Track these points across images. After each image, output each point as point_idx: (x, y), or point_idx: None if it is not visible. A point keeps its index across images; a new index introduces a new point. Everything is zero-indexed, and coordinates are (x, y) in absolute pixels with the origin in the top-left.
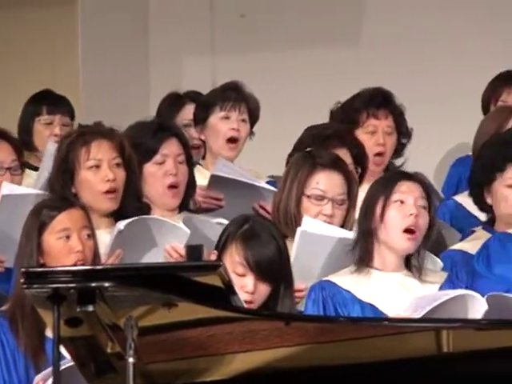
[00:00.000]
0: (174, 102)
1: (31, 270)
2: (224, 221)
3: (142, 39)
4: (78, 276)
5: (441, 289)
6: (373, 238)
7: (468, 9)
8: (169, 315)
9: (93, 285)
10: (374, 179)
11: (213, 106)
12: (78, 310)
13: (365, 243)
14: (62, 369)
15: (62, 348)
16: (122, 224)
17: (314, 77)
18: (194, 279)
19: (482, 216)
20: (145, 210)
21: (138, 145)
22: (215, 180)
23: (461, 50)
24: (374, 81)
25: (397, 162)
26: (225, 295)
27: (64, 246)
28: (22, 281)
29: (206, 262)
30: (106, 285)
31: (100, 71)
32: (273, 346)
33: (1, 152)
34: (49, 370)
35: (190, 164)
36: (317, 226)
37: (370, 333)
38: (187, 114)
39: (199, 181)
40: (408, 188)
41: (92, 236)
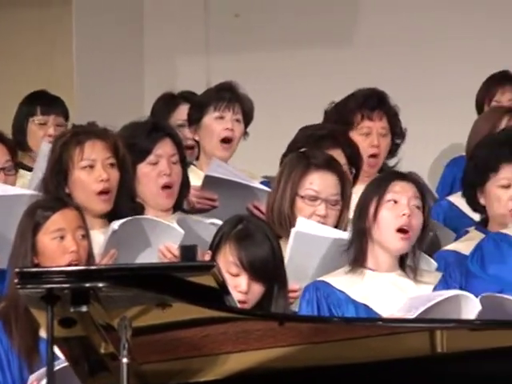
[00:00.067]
0: (168, 102)
1: (25, 270)
2: (218, 221)
3: (137, 39)
4: (72, 276)
5: (435, 289)
6: (367, 237)
7: (463, 9)
8: (163, 315)
9: (87, 285)
10: (368, 180)
11: (207, 106)
12: (72, 310)
13: (359, 243)
14: (56, 369)
15: (55, 348)
16: (116, 224)
17: (309, 77)
18: (187, 279)
19: (475, 216)
20: (138, 210)
21: (132, 145)
22: (209, 180)
23: (455, 51)
24: (368, 81)
25: (390, 162)
26: (219, 295)
27: (58, 247)
28: (15, 281)
29: (199, 263)
30: (100, 285)
31: (94, 71)
32: (267, 346)
33: None
34: (43, 370)
35: (184, 164)
36: (311, 227)
37: (363, 333)
38: (181, 114)
39: (193, 181)
40: (401, 188)
41: (86, 236)
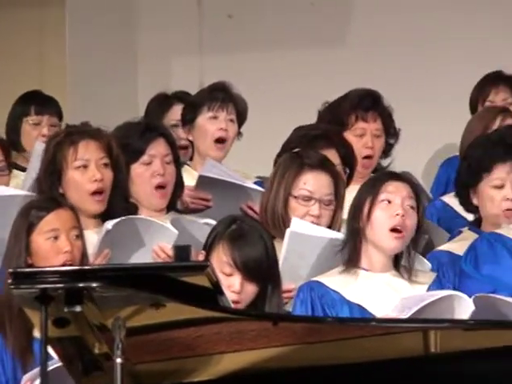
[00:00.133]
0: (162, 102)
1: (19, 270)
2: (212, 221)
3: (130, 39)
4: (66, 276)
5: (429, 289)
6: (361, 237)
7: (456, 8)
8: (157, 315)
9: (81, 285)
10: (362, 181)
11: (200, 107)
12: (66, 310)
13: (353, 243)
14: (50, 369)
15: (49, 348)
16: (109, 224)
17: (302, 77)
18: (181, 279)
19: (469, 216)
20: (132, 210)
21: (126, 145)
22: (203, 180)
23: (449, 51)
24: (361, 81)
25: (384, 162)
26: (212, 295)
27: (52, 247)
28: (9, 281)
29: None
30: (94, 285)
31: (88, 71)
32: (260, 347)
33: None
34: (36, 369)
35: (178, 164)
36: (306, 227)
37: (357, 333)
38: (175, 114)
39: (187, 181)
40: (395, 188)
41: (80, 236)
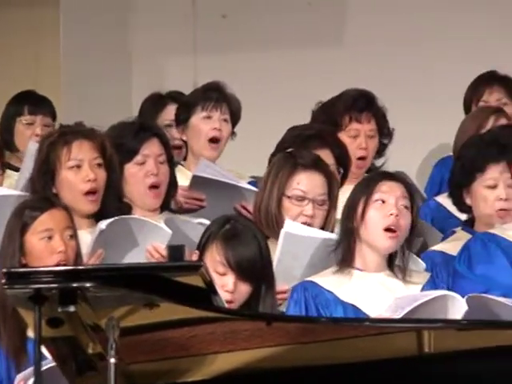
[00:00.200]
0: (156, 102)
1: (13, 270)
2: (206, 221)
3: (124, 39)
4: (60, 276)
5: (423, 289)
6: (355, 237)
7: (452, 8)
8: (150, 315)
9: (74, 285)
10: (356, 181)
11: (194, 106)
12: (60, 310)
13: (347, 243)
14: (44, 369)
15: (43, 348)
16: (103, 224)
17: (297, 77)
18: (175, 279)
19: (463, 217)
20: (125, 210)
21: (119, 145)
22: (197, 180)
23: (444, 51)
24: (357, 81)
25: (377, 162)
26: (206, 295)
27: (46, 247)
28: (3, 281)
29: (187, 263)
30: (88, 285)
31: (82, 71)
32: (254, 347)
33: None
34: (30, 369)
35: (172, 164)
36: (300, 228)
37: (351, 333)
38: (169, 114)
39: (181, 181)
40: (389, 188)
41: (74, 236)
